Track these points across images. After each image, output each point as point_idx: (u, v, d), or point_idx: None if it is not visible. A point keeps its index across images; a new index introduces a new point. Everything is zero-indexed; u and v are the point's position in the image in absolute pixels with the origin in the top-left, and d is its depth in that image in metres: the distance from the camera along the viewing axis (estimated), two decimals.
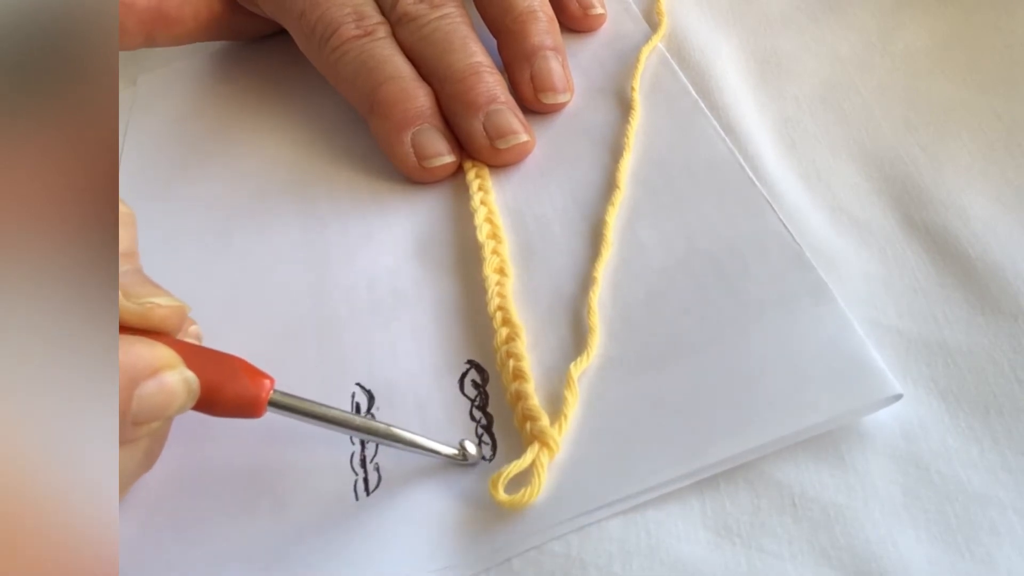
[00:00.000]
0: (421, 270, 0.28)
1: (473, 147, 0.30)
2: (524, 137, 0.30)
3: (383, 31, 0.31)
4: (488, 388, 0.24)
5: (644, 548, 0.21)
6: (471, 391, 0.24)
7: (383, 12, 0.32)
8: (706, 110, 0.31)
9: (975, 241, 0.25)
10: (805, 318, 0.23)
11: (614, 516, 0.21)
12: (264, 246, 0.30)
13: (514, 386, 0.23)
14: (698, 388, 0.22)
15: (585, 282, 0.26)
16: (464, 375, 0.24)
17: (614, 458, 0.22)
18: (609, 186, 0.29)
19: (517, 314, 0.25)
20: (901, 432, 0.22)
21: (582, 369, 0.23)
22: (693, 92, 0.32)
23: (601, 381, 0.23)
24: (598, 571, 0.20)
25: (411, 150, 0.30)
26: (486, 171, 0.30)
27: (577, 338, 0.25)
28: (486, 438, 0.23)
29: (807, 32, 0.34)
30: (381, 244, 0.29)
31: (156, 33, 0.34)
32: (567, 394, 0.23)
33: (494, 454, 0.23)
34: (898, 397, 0.21)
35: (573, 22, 0.34)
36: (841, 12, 0.35)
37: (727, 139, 0.29)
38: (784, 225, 0.26)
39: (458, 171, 0.31)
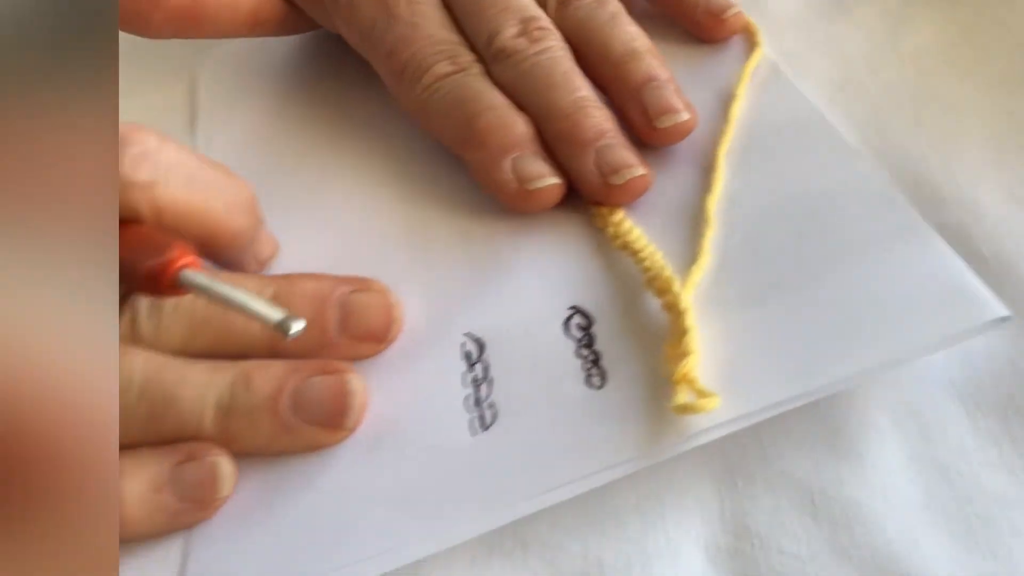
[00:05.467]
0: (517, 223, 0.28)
1: (585, 187, 0.27)
2: (640, 170, 0.27)
3: (477, 68, 0.30)
4: (593, 330, 0.24)
5: (663, 549, 0.21)
6: (576, 332, 0.24)
7: (477, 50, 0.30)
8: (784, 71, 0.31)
9: (989, 240, 0.25)
10: (907, 251, 0.24)
11: (632, 516, 0.21)
12: (359, 204, 0.30)
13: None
14: (806, 317, 0.23)
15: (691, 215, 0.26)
16: (568, 319, 0.25)
17: (727, 380, 0.22)
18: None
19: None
20: (919, 432, 0.22)
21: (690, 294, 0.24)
22: (772, 54, 0.32)
23: (705, 316, 0.24)
24: (617, 572, 0.20)
25: (512, 176, 0.27)
26: None
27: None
28: (594, 370, 0.23)
29: (815, 32, 0.34)
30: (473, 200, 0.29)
31: (186, 31, 0.33)
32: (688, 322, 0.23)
33: (603, 383, 0.23)
34: (1005, 319, 0.21)
35: (640, 134, 0.29)
36: (849, 12, 0.34)
37: (808, 96, 0.29)
38: (877, 171, 0.26)
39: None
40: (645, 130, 0.28)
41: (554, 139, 0.28)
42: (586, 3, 0.31)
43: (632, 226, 0.26)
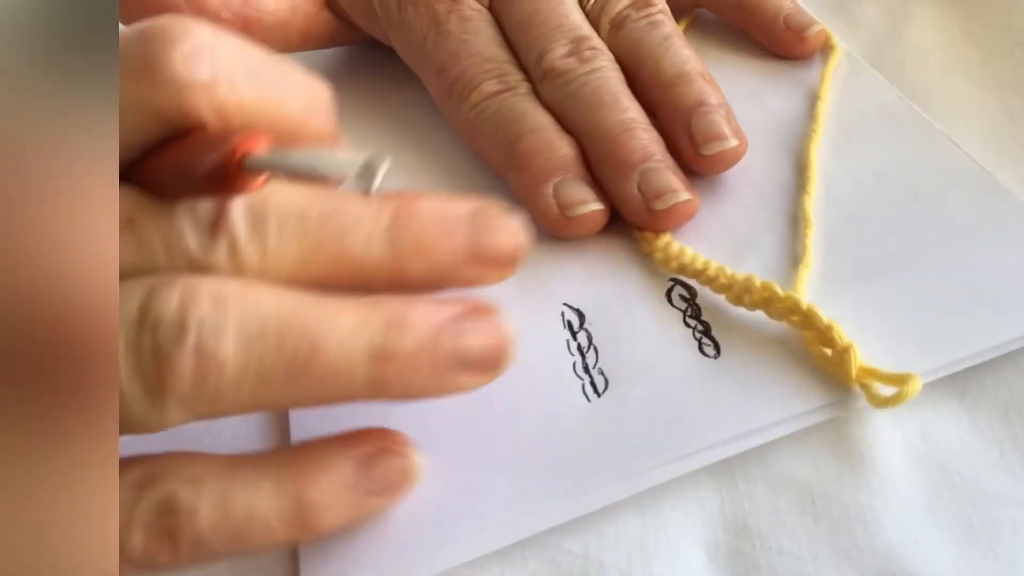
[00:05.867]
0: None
1: (627, 211, 0.27)
2: (684, 195, 0.26)
3: (525, 88, 0.29)
4: (698, 301, 0.24)
5: (663, 549, 0.21)
6: (680, 303, 0.25)
7: (526, 69, 0.30)
8: (866, 63, 0.31)
9: None
10: (1014, 235, 0.25)
11: (632, 516, 0.21)
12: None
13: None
14: (912, 301, 0.23)
15: (788, 216, 0.27)
16: (670, 291, 0.25)
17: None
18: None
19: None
20: (920, 432, 0.22)
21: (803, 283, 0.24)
22: (847, 47, 0.32)
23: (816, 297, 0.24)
24: (618, 572, 0.20)
25: (553, 201, 0.26)
26: None
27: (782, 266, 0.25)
28: (706, 340, 0.23)
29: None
30: None
31: None
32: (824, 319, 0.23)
33: (718, 353, 0.23)
34: None
35: (688, 160, 0.28)
36: (850, 10, 0.34)
37: (894, 87, 0.30)
38: (967, 157, 0.27)
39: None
40: (692, 156, 0.27)
41: (598, 161, 0.27)
42: (640, 25, 0.30)
43: (682, 247, 0.25)
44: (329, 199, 0.19)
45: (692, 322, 0.24)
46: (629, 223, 0.27)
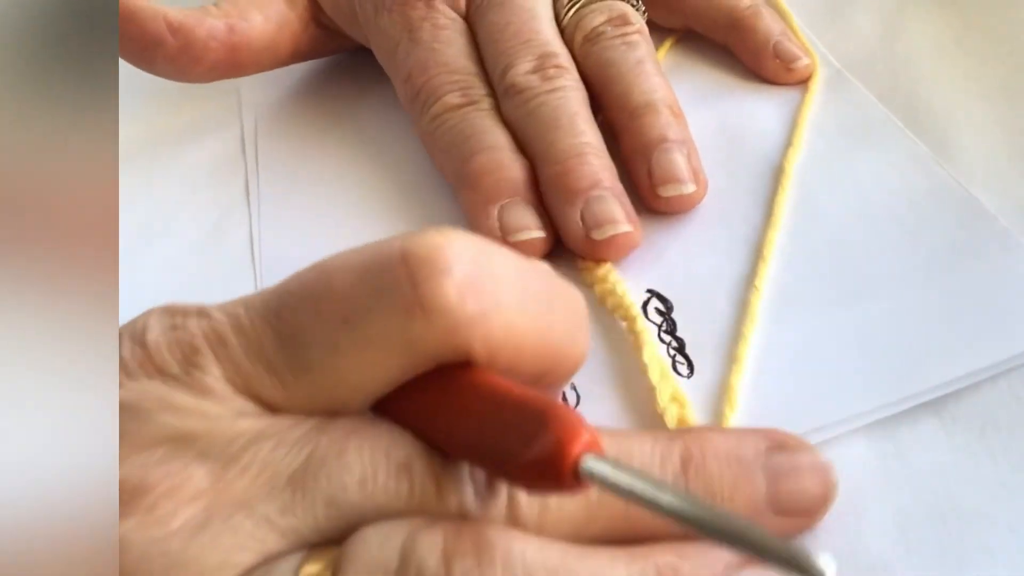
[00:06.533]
0: None
1: (568, 238, 0.26)
2: (624, 227, 0.25)
3: (487, 103, 0.29)
4: (674, 315, 0.24)
5: None
6: (656, 317, 0.24)
7: (491, 84, 0.29)
8: (850, 76, 0.31)
9: None
10: (996, 261, 0.24)
11: None
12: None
13: None
14: (893, 323, 0.23)
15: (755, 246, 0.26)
16: (646, 303, 0.25)
17: (803, 390, 0.22)
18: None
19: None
20: (895, 450, 0.21)
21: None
22: (835, 61, 0.32)
23: (784, 318, 0.24)
24: None
25: (496, 224, 0.26)
26: None
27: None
28: (680, 358, 0.23)
29: (809, 38, 0.34)
30: None
31: (228, 75, 0.33)
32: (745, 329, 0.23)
33: (691, 373, 0.23)
34: None
35: (643, 197, 0.28)
36: (842, 17, 0.34)
37: (878, 103, 0.30)
38: (956, 180, 0.26)
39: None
40: (648, 194, 0.27)
41: (546, 184, 0.26)
42: (614, 44, 0.30)
43: (616, 282, 0.25)
44: (615, 438, 0.18)
45: (667, 338, 0.24)
46: (569, 250, 0.26)
